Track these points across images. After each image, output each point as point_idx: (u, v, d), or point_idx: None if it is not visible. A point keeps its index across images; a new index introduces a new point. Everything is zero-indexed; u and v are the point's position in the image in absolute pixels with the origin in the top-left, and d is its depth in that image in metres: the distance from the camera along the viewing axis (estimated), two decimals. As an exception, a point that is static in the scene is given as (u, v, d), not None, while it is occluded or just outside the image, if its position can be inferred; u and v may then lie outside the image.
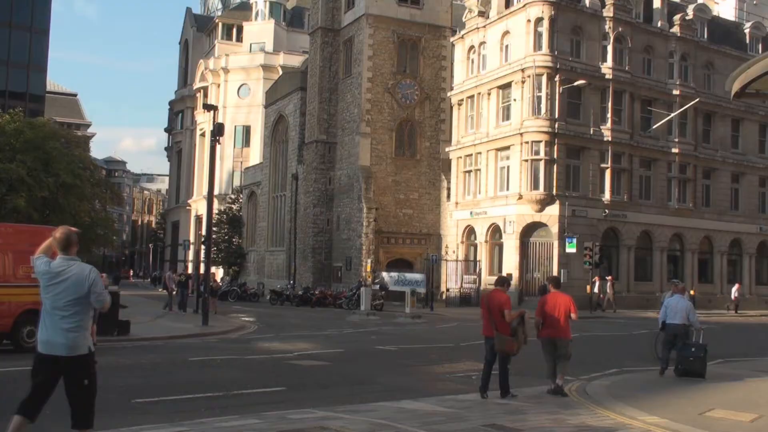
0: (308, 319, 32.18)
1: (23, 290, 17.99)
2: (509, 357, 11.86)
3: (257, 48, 74.60)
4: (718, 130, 47.02)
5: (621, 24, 42.29)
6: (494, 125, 42.99)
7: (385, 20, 48.30)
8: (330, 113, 51.12)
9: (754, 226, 48.04)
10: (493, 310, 11.73)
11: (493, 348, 11.82)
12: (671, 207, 44.36)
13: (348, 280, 46.83)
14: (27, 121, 40.63)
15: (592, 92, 41.14)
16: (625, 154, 42.36)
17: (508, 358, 11.84)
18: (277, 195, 60.28)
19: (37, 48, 65.26)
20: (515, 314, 11.80)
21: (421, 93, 49.23)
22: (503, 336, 11.63)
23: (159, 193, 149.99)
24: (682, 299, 15.20)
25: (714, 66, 46.67)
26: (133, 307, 28.60)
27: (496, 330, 11.66)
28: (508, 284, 12.82)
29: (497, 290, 12.14)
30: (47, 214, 37.22)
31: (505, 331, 11.66)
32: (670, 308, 14.97)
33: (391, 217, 48.02)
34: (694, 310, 15.16)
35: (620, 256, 42.49)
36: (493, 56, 43.70)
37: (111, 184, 54.11)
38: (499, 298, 11.86)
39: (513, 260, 40.34)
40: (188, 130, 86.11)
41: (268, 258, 60.54)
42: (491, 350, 11.90)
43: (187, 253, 56.01)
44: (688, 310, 14.88)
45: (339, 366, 16.38)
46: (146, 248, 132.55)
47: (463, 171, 45.53)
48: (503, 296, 11.90)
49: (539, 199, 39.66)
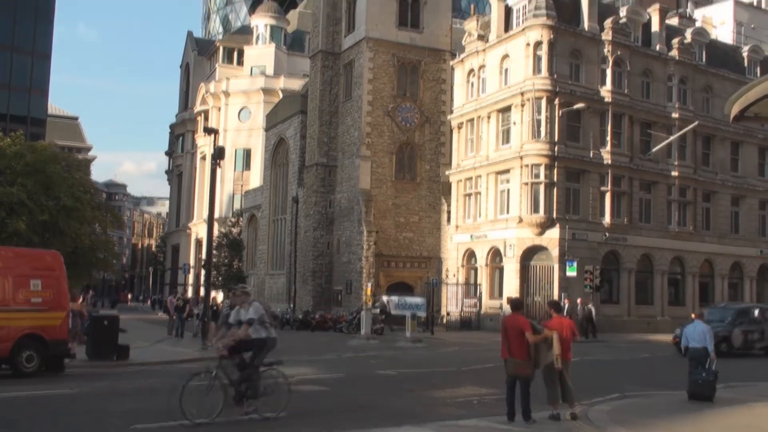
0: (308, 343, 32.03)
1: (23, 314, 17.96)
2: (528, 381, 11.92)
3: (258, 71, 74.99)
4: (718, 153, 47.08)
5: (619, 48, 42.50)
6: (494, 148, 43.08)
7: (385, 44, 48.57)
8: (330, 136, 51.24)
9: (754, 250, 47.94)
10: (509, 333, 11.82)
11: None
12: (671, 230, 44.31)
13: (348, 303, 46.71)
14: (28, 145, 40.69)
15: (591, 115, 41.26)
16: (625, 177, 42.41)
17: (528, 381, 11.90)
18: (277, 218, 60.28)
19: (39, 72, 65.55)
20: (539, 337, 11.85)
21: (421, 116, 49.39)
22: (516, 359, 11.77)
23: (159, 217, 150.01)
24: (700, 323, 15.43)
25: (713, 89, 46.84)
26: (133, 331, 28.53)
27: (511, 354, 11.72)
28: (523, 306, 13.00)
29: (515, 314, 12.26)
30: (47, 238, 37.14)
31: (520, 354, 11.77)
32: (689, 333, 15.30)
33: (392, 240, 47.99)
34: (711, 335, 15.29)
35: (621, 279, 42.36)
36: (493, 79, 43.89)
37: (111, 208, 54.08)
38: (518, 321, 11.97)
39: (513, 284, 40.24)
40: (189, 154, 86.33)
41: (268, 281, 60.42)
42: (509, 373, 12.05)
43: (187, 276, 55.94)
44: (705, 333, 15.09)
45: (339, 391, 16.28)
46: (146, 272, 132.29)
47: (463, 194, 45.56)
48: (522, 320, 12.04)
49: (539, 223, 39.64)
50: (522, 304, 12.78)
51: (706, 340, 15.01)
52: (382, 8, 48.70)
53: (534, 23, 40.63)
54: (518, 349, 11.72)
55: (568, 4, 42.63)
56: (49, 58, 66.85)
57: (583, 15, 42.37)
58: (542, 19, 40.48)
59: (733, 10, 60.12)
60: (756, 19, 61.14)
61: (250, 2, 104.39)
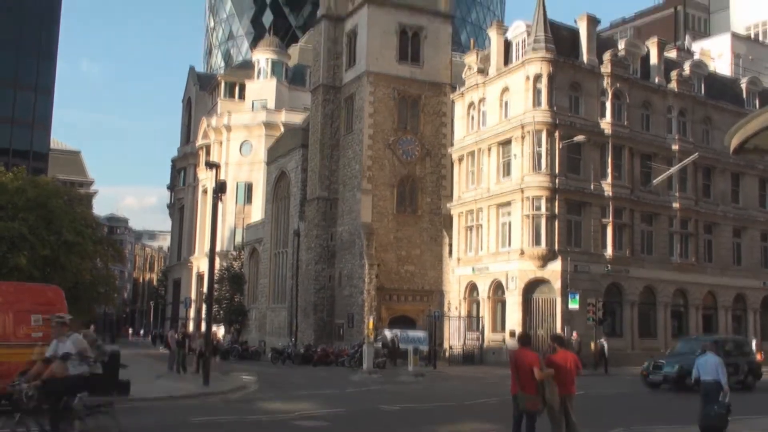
0: (310, 378, 31.83)
1: (24, 350, 17.83)
2: (535, 416, 11.93)
3: (259, 105, 75.37)
4: (719, 184, 47.14)
5: (619, 80, 42.75)
6: (495, 181, 43.15)
7: (385, 78, 48.88)
8: (331, 169, 51.37)
9: (757, 281, 47.73)
10: (521, 369, 11.84)
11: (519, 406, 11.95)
12: (674, 262, 44.20)
13: (350, 337, 46.46)
14: (30, 180, 40.83)
15: (591, 147, 41.36)
16: (626, 209, 42.42)
17: (534, 417, 11.91)
18: (278, 251, 60.24)
19: (42, 107, 66.13)
20: (548, 373, 11.85)
21: (421, 149, 49.54)
22: (527, 395, 11.77)
23: (161, 251, 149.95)
24: (712, 356, 15.35)
25: (712, 121, 47.02)
26: (134, 366, 28.32)
27: (521, 389, 11.71)
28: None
29: (525, 349, 12.31)
30: (48, 272, 37.08)
31: (530, 390, 11.78)
32: (701, 366, 15.19)
33: (393, 273, 47.86)
34: (723, 367, 15.19)
35: (624, 312, 42.14)
36: (493, 112, 44.10)
37: (113, 242, 54.05)
38: (529, 357, 11.99)
39: (516, 317, 40.06)
40: (190, 187, 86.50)
41: (270, 315, 60.22)
42: (518, 409, 11.99)
43: (188, 310, 55.72)
44: (717, 366, 15.00)
45: (340, 426, 16.14)
46: (147, 306, 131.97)
47: (465, 227, 45.54)
48: (532, 355, 12.08)
49: (541, 255, 39.57)
50: (530, 339, 12.79)
51: (719, 373, 14.93)
52: (383, 43, 49.12)
53: (533, 57, 40.92)
54: (528, 385, 11.77)
55: (566, 38, 42.97)
56: (52, 94, 67.53)
57: (582, 48, 42.68)
58: (541, 52, 40.78)
59: (731, 42, 60.74)
60: (753, 52, 61.71)
61: (251, 37, 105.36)
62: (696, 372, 15.34)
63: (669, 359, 28.25)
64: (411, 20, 50.06)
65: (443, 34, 51.49)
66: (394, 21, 49.58)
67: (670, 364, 27.37)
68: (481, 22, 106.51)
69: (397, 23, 49.58)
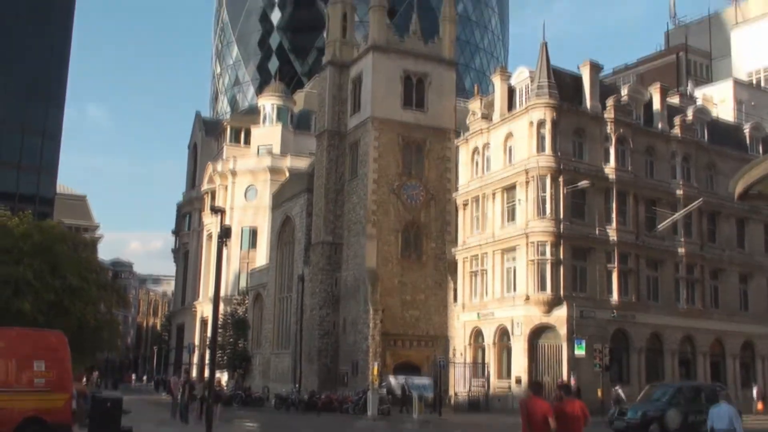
0: (314, 426, 31.48)
1: (25, 396, 17.73)
2: None
3: (264, 151, 75.79)
4: (724, 229, 47.03)
5: (622, 126, 42.95)
6: (500, 226, 43.13)
7: (390, 123, 49.20)
8: (336, 214, 51.45)
9: (765, 328, 47.09)
10: (533, 418, 11.70)
11: None
12: (680, 308, 43.85)
13: (354, 384, 45.98)
14: (36, 224, 40.85)
15: (596, 193, 41.40)
16: (632, 254, 42.28)
17: None
18: (283, 296, 60.03)
19: (48, 152, 66.49)
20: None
21: (426, 194, 49.63)
22: None
23: (165, 296, 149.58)
24: (727, 406, 15.22)
25: (716, 167, 47.10)
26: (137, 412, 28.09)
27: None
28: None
29: (536, 398, 12.17)
30: (52, 317, 36.92)
31: None
32: (715, 415, 15.11)
33: (398, 318, 47.59)
34: (738, 417, 15.05)
35: (630, 358, 41.69)
36: (497, 158, 44.28)
37: (117, 287, 53.88)
38: (541, 406, 11.87)
39: (522, 363, 39.71)
40: (195, 232, 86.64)
41: (274, 361, 59.77)
42: None
43: (191, 356, 55.35)
44: (731, 416, 14.86)
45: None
46: (151, 351, 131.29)
47: (470, 272, 45.40)
48: (544, 404, 11.93)
49: (547, 301, 39.37)
50: (542, 388, 12.66)
51: (733, 423, 14.79)
52: (387, 89, 49.54)
53: (537, 103, 41.21)
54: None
55: (570, 84, 43.32)
56: (59, 139, 67.95)
57: (585, 94, 43.00)
58: (545, 98, 41.08)
59: (733, 88, 61.04)
60: (755, 98, 62.02)
61: (257, 83, 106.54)
62: (710, 422, 15.21)
63: (634, 406, 28.50)
64: (415, 67, 50.56)
65: (447, 80, 51.94)
66: (399, 68, 50.07)
67: (633, 410, 27.60)
68: (485, 68, 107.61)
69: (401, 70, 50.06)
